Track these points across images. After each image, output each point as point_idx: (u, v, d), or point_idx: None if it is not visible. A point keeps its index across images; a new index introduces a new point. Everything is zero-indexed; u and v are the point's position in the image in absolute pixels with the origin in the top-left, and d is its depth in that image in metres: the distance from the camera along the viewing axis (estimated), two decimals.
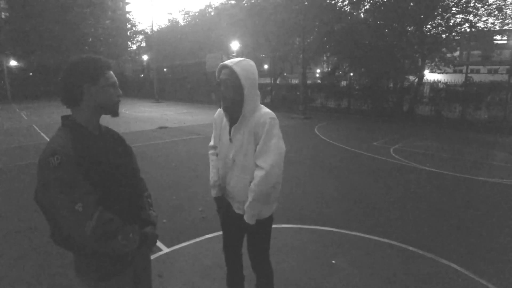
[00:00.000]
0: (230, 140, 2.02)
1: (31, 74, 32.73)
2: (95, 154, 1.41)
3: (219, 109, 2.13)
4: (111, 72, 1.50)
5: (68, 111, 1.49)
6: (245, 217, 1.98)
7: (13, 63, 29.90)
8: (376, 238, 3.87)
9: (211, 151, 2.32)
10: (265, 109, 1.99)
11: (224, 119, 2.09)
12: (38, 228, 4.00)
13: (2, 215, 4.51)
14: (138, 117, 16.37)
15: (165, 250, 3.55)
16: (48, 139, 1.43)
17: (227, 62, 1.92)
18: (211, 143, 2.31)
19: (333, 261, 3.35)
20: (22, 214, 4.48)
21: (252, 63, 1.98)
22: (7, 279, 3.07)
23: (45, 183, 1.30)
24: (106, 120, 1.57)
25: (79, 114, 1.45)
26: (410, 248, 3.63)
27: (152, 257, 3.34)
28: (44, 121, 14.31)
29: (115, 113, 1.54)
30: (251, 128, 1.92)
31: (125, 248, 1.42)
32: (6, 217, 4.45)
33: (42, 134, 11.01)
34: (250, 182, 1.97)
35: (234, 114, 1.98)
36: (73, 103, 1.44)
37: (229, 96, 1.92)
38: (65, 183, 1.27)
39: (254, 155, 1.94)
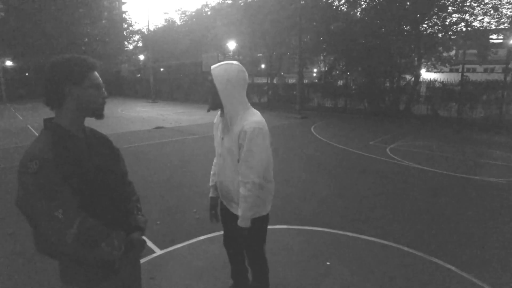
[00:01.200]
0: (222, 139, 2.07)
1: (26, 74, 32.54)
2: (77, 158, 1.36)
3: (218, 113, 2.17)
4: (96, 73, 1.45)
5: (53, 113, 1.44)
6: (238, 222, 2.02)
7: (8, 63, 29.68)
8: (372, 238, 3.84)
9: None
10: (254, 117, 1.96)
11: (220, 119, 2.13)
12: (27, 231, 3.94)
13: None
14: (135, 117, 16.29)
15: (158, 252, 3.51)
16: None
17: (213, 65, 1.98)
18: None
19: (328, 263, 3.32)
20: (15, 217, 4.42)
21: (235, 67, 1.95)
22: (2, 281, 3.03)
23: (24, 189, 1.25)
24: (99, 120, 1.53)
25: (62, 116, 1.40)
26: (406, 249, 3.61)
27: (145, 259, 3.30)
28: (39, 122, 14.17)
29: (99, 115, 1.48)
30: (236, 134, 1.94)
31: (109, 256, 1.37)
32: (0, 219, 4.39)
33: (37, 135, 10.91)
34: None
35: (225, 115, 2.02)
36: (56, 105, 1.39)
37: (210, 97, 1.98)
38: (44, 189, 1.22)
39: (243, 156, 1.95)
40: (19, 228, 4.05)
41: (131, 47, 41.13)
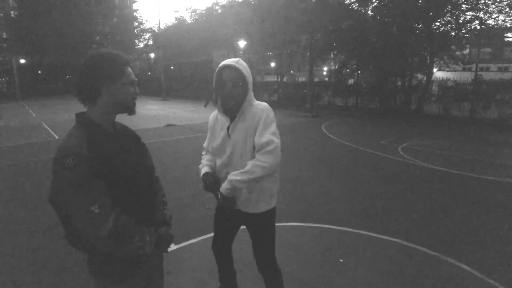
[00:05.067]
0: (228, 135, 2.00)
1: (39, 72, 33.07)
2: (110, 153, 1.37)
3: (213, 113, 2.15)
4: (130, 69, 1.44)
5: (76, 109, 1.46)
6: (222, 186, 1.95)
7: (22, 61, 30.20)
8: (385, 237, 3.84)
9: (204, 152, 2.31)
10: (261, 102, 2.03)
11: (221, 118, 2.07)
12: (42, 226, 4.04)
13: (10, 213, 4.57)
14: (146, 115, 16.43)
15: (173, 247, 3.56)
16: (57, 137, 1.40)
17: (228, 62, 1.91)
18: (205, 144, 2.29)
19: (341, 260, 3.34)
20: (30, 212, 4.52)
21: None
22: (10, 278, 3.11)
23: (60, 184, 1.26)
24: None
25: (94, 112, 1.40)
26: (419, 247, 3.60)
27: None
28: (52, 118, 14.45)
29: (132, 111, 1.48)
30: (250, 121, 1.93)
31: (140, 250, 1.38)
32: (14, 215, 4.50)
33: (50, 131, 11.11)
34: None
35: (233, 111, 1.99)
36: (90, 101, 1.40)
37: (238, 94, 1.92)
38: (81, 184, 1.24)
39: (257, 133, 1.91)
40: (31, 225, 4.15)
41: (141, 45, 41.51)
